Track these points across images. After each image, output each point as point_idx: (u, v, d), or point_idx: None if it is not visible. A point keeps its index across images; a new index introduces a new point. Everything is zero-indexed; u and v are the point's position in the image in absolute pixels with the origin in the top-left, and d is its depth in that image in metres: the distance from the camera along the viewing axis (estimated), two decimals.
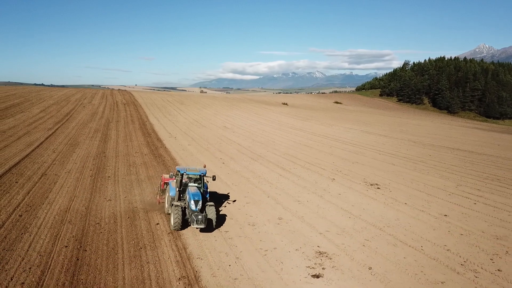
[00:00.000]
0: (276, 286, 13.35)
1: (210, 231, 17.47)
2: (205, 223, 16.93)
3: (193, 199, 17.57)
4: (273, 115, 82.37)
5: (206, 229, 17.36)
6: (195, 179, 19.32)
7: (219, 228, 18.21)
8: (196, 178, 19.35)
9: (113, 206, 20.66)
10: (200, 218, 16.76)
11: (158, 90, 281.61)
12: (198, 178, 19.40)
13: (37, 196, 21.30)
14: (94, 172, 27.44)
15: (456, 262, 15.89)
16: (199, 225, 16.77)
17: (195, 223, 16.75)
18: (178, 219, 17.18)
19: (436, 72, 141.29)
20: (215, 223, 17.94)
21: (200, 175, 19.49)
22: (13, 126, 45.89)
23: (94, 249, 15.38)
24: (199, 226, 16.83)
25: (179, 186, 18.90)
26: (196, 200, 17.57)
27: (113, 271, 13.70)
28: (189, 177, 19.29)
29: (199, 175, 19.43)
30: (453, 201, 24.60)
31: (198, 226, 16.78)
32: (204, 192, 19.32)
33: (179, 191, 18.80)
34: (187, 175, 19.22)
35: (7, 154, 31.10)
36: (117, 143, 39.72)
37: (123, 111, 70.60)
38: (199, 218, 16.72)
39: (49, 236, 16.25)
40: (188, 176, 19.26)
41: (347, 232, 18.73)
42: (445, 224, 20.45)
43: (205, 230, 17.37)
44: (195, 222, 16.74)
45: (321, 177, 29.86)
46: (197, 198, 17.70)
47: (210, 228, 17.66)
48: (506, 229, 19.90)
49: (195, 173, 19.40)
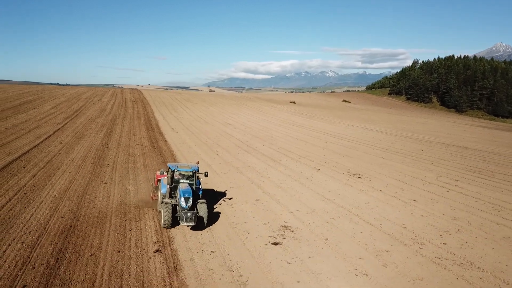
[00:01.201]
0: (238, 250, 15.58)
1: (201, 229, 17.09)
2: (195, 221, 16.59)
3: (183, 196, 17.20)
4: (277, 112, 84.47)
5: (197, 227, 17.06)
6: (187, 176, 19.01)
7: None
8: (189, 175, 19.02)
9: (108, 187, 23.24)
10: (189, 215, 16.42)
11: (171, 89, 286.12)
12: (191, 175, 19.05)
13: (41, 179, 24.03)
14: (95, 161, 30.14)
15: (407, 237, 17.85)
16: (188, 222, 16.44)
17: (184, 221, 16.44)
18: (167, 217, 16.77)
19: (444, 71, 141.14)
20: (206, 221, 17.44)
21: (192, 172, 19.11)
22: (25, 120, 49.25)
23: (86, 219, 17.91)
24: (189, 224, 16.51)
25: (170, 183, 18.54)
26: (186, 197, 17.19)
27: (100, 236, 16.17)
28: (181, 173, 18.95)
29: (191, 171, 19.07)
30: (427, 189, 26.39)
31: (187, 223, 16.47)
32: (197, 189, 18.88)
33: (170, 188, 18.43)
34: (178, 171, 18.91)
35: (17, 145, 34.11)
36: (120, 137, 42.52)
37: (131, 108, 73.77)
38: (189, 216, 16.41)
39: (49, 209, 18.86)
40: (180, 172, 18.93)
41: (316, 212, 20.84)
42: (411, 207, 22.34)
43: (196, 228, 17.05)
44: (184, 220, 16.44)
45: (308, 167, 31.93)
46: (187, 195, 17.29)
47: (201, 226, 17.23)
48: (467, 212, 21.69)
49: (187, 169, 19.06)
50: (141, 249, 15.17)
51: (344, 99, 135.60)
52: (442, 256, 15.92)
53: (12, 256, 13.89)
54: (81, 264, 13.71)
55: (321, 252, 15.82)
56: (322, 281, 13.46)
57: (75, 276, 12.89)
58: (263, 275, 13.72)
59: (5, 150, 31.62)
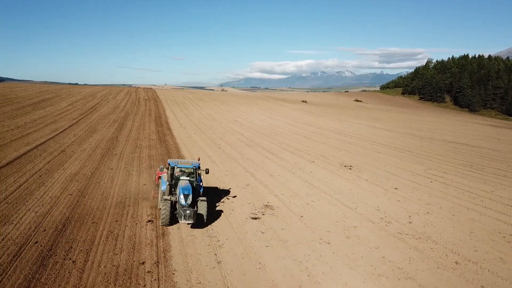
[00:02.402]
0: (221, 222, 17.94)
1: (201, 227, 16.91)
2: (193, 218, 16.30)
3: (183, 193, 16.98)
4: (287, 111, 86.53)
5: (196, 225, 16.90)
6: (188, 173, 18.86)
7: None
8: (190, 172, 18.88)
9: (113, 172, 25.97)
10: (188, 213, 16.20)
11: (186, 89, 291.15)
12: (191, 172, 18.90)
13: (55, 165, 26.96)
14: (104, 151, 33.02)
15: (377, 217, 19.86)
16: (187, 220, 16.21)
17: (182, 218, 16.21)
18: (166, 214, 16.60)
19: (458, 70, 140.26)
20: (206, 219, 17.28)
21: (193, 168, 18.92)
22: (43, 116, 52.91)
23: (91, 197, 20.59)
24: (187, 222, 16.29)
25: (170, 179, 18.36)
26: (185, 194, 16.99)
27: (101, 210, 18.78)
28: (182, 170, 18.79)
29: (191, 168, 18.88)
30: (412, 180, 28.16)
31: (186, 221, 16.24)
32: (197, 186, 18.69)
33: (170, 185, 18.22)
34: (178, 168, 18.76)
35: (35, 137, 37.38)
36: (130, 131, 45.51)
37: (143, 105, 77.16)
38: (187, 213, 16.20)
39: (60, 188, 21.64)
40: (180, 169, 18.78)
41: (299, 195, 23.02)
42: (390, 194, 24.25)
43: (195, 226, 16.89)
44: (182, 217, 16.20)
45: (303, 159, 34.05)
46: (187, 192, 17.10)
47: (201, 223, 17.06)
48: (442, 199, 23.47)
49: (187, 166, 18.84)
50: (136, 220, 17.71)
51: (356, 99, 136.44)
52: (403, 232, 17.91)
53: (27, 221, 16.61)
54: (84, 229, 16.32)
55: (294, 225, 18.03)
56: (288, 247, 15.68)
57: (78, 237, 15.49)
58: (238, 241, 16.03)
59: (24, 141, 34.86)
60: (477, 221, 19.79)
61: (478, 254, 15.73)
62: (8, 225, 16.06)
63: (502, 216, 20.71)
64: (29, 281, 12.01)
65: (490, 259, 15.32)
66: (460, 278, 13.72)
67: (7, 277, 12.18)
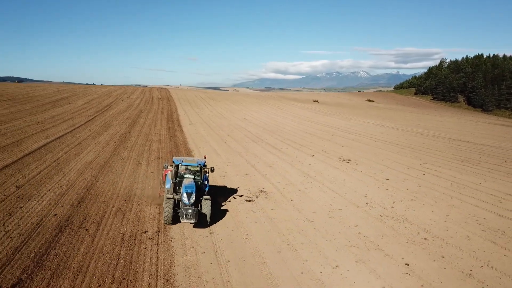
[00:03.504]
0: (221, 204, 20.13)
1: (204, 227, 16.62)
2: (195, 218, 16.06)
3: (186, 191, 16.68)
4: (297, 110, 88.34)
5: (199, 224, 16.62)
6: (194, 171, 18.52)
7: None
8: (196, 170, 18.55)
9: (124, 162, 28.47)
10: (190, 212, 15.93)
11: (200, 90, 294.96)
12: (197, 170, 18.56)
13: (71, 155, 29.63)
14: (117, 144, 35.66)
15: (363, 202, 21.73)
16: (188, 220, 15.97)
17: (184, 218, 15.97)
18: (168, 213, 16.36)
19: (472, 70, 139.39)
20: (209, 219, 16.85)
21: (198, 166, 18.55)
22: (61, 113, 56.20)
23: (103, 181, 23.07)
24: (189, 221, 16.04)
25: (175, 177, 17.99)
26: (188, 192, 16.66)
27: (112, 191, 21.19)
28: (187, 168, 18.49)
29: (196, 166, 18.52)
30: (406, 172, 29.81)
31: (188, 221, 16.01)
32: (202, 184, 18.29)
33: (174, 182, 17.89)
34: (183, 166, 18.46)
35: (54, 131, 40.33)
36: (142, 127, 48.21)
37: (156, 104, 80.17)
38: (189, 212, 15.93)
39: (76, 174, 24.20)
40: (186, 167, 18.48)
41: (293, 183, 25.04)
42: (381, 184, 26.02)
43: (199, 226, 16.60)
44: (184, 217, 15.98)
45: (304, 154, 36.00)
46: (190, 190, 16.73)
47: (205, 223, 16.75)
48: (429, 189, 25.13)
49: (192, 164, 18.52)
50: (142, 200, 20.05)
51: (369, 99, 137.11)
52: (384, 214, 19.76)
53: (47, 199, 19.12)
54: (96, 206, 18.74)
55: (283, 207, 20.09)
56: (274, 223, 17.76)
57: (91, 211, 17.90)
58: (231, 217, 18.19)
59: (43, 134, 37.79)
60: (456, 207, 21.45)
61: (447, 233, 17.50)
62: (31, 201, 18.59)
63: (482, 203, 22.28)
64: (49, 242, 14.41)
65: (457, 237, 17.07)
66: (425, 250, 15.55)
67: (31, 239, 14.61)
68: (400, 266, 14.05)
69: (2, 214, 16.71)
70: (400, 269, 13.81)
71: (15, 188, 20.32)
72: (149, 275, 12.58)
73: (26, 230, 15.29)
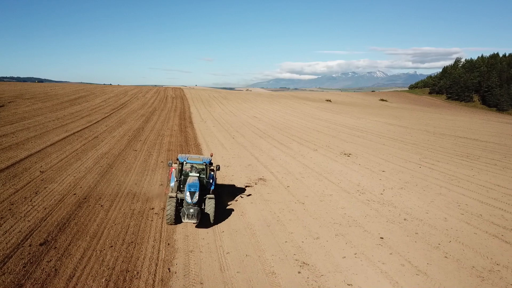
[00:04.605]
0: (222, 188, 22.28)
1: (206, 227, 16.27)
2: (197, 218, 15.73)
3: (189, 190, 16.18)
4: (307, 108, 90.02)
5: (202, 225, 16.32)
6: (199, 169, 17.97)
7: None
8: (201, 168, 17.99)
9: (137, 153, 30.94)
10: (192, 211, 15.60)
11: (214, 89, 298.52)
12: (202, 168, 18.00)
13: (89, 146, 32.28)
14: (131, 138, 38.27)
15: (354, 189, 23.54)
16: (190, 219, 15.65)
17: (186, 217, 15.67)
18: (170, 212, 16.04)
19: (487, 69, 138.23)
20: (213, 218, 16.47)
21: (204, 164, 17.99)
22: (79, 110, 59.43)
23: (118, 167, 25.53)
24: (191, 221, 15.74)
25: (179, 176, 17.64)
26: (191, 191, 16.13)
27: (125, 176, 23.59)
28: (193, 166, 17.95)
29: (202, 163, 17.96)
30: (402, 165, 31.38)
31: (189, 221, 15.71)
32: (207, 183, 17.81)
33: (178, 181, 17.47)
34: (188, 164, 17.95)
35: (72, 126, 43.26)
36: (155, 123, 50.87)
37: (170, 103, 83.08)
38: (191, 212, 15.60)
39: (92, 162, 26.74)
40: (191, 165, 17.95)
41: (292, 173, 27.01)
42: (376, 175, 27.74)
43: (201, 226, 16.29)
44: (186, 216, 15.66)
45: (307, 148, 37.88)
46: (193, 189, 16.19)
47: (207, 223, 16.40)
48: (421, 179, 26.72)
49: (197, 161, 17.96)
50: (151, 183, 22.39)
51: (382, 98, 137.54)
52: (371, 199, 21.57)
53: (67, 182, 21.62)
54: (110, 188, 21.14)
55: (278, 192, 22.11)
56: (268, 204, 19.79)
57: (105, 192, 20.30)
58: (230, 198, 20.31)
59: (63, 129, 40.71)
60: (442, 195, 23.07)
61: (427, 215, 19.22)
62: (54, 184, 21.10)
63: (469, 192, 23.82)
64: (70, 215, 16.80)
65: (435, 218, 18.78)
66: (402, 228, 17.35)
67: (54, 211, 17.03)
68: (375, 239, 15.91)
69: (29, 193, 19.25)
70: (374, 241, 15.67)
71: (39, 173, 22.93)
72: (153, 240, 14.81)
73: (50, 205, 17.74)
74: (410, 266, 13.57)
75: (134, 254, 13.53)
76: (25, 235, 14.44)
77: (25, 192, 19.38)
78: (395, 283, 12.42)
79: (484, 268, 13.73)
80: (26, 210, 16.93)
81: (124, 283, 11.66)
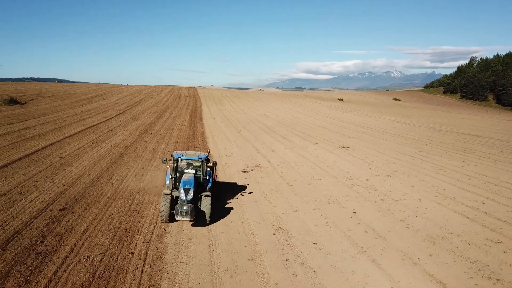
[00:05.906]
0: (218, 173, 24.87)
1: (202, 226, 15.93)
2: (191, 215, 15.32)
3: (183, 187, 15.87)
4: (318, 107, 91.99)
5: (198, 223, 16.01)
6: (195, 166, 17.62)
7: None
8: (198, 165, 17.62)
9: (147, 144, 33.89)
10: (185, 209, 15.22)
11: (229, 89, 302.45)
12: (199, 165, 17.63)
13: (103, 138, 35.40)
14: (142, 131, 41.33)
15: (342, 176, 25.79)
16: (184, 217, 15.26)
17: (179, 215, 15.29)
18: (165, 209, 15.70)
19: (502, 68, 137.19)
20: (209, 217, 16.01)
21: (200, 161, 17.62)
22: (96, 107, 63.11)
23: (128, 155, 28.46)
24: (185, 219, 15.34)
25: (174, 173, 17.26)
26: (186, 188, 15.83)
27: (134, 163, 26.46)
28: (188, 162, 17.64)
29: (198, 160, 17.62)
30: (396, 158, 33.34)
31: (183, 218, 15.30)
32: (204, 180, 17.44)
33: (173, 178, 17.10)
34: (183, 160, 17.58)
35: (89, 121, 46.66)
36: (167, 119, 53.96)
37: (183, 101, 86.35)
38: (184, 209, 15.21)
39: (106, 150, 29.75)
40: (187, 162, 17.62)
41: (287, 162, 29.41)
42: (367, 164, 29.87)
43: (197, 225, 15.97)
44: (179, 214, 15.28)
45: (308, 142, 40.16)
46: (188, 186, 15.90)
47: (203, 221, 16.04)
48: (410, 169, 28.70)
49: (193, 158, 17.63)
50: (157, 168, 25.17)
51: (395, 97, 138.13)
52: (356, 184, 23.80)
53: (83, 165, 24.61)
54: (120, 170, 24.02)
55: (271, 176, 24.57)
56: (259, 186, 22.29)
57: (116, 173, 23.19)
58: (226, 180, 22.89)
59: (81, 123, 44.10)
60: (425, 181, 25.07)
61: (403, 197, 21.35)
62: (71, 167, 24.10)
63: (451, 180, 25.73)
64: (85, 189, 19.68)
65: (410, 199, 20.91)
66: (376, 206, 19.57)
67: (72, 187, 19.95)
68: (349, 213, 18.21)
69: (50, 173, 22.26)
70: (347, 214, 17.99)
71: (59, 158, 26.02)
72: (154, 209, 17.50)
73: (68, 182, 20.67)
74: (373, 233, 15.86)
75: (137, 218, 16.25)
76: (47, 203, 17.34)
77: (47, 172, 22.41)
78: (354, 243, 14.73)
79: (438, 235, 15.90)
80: (48, 185, 19.89)
81: (127, 238, 14.36)
